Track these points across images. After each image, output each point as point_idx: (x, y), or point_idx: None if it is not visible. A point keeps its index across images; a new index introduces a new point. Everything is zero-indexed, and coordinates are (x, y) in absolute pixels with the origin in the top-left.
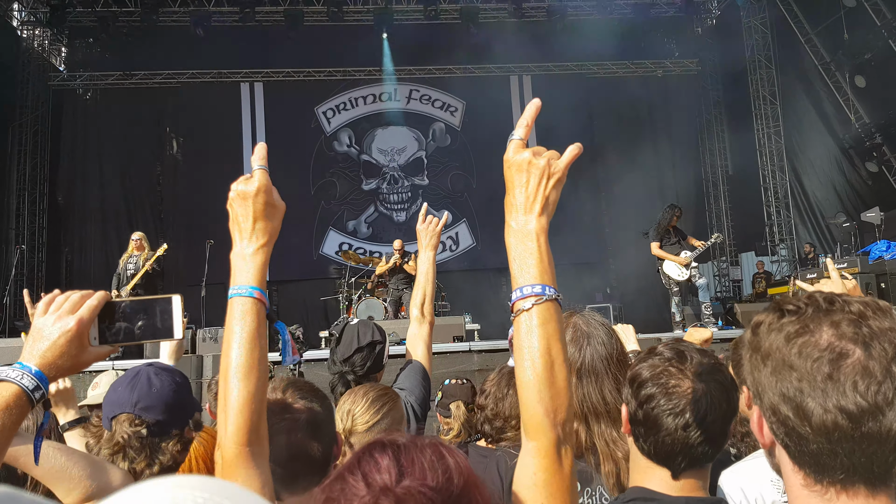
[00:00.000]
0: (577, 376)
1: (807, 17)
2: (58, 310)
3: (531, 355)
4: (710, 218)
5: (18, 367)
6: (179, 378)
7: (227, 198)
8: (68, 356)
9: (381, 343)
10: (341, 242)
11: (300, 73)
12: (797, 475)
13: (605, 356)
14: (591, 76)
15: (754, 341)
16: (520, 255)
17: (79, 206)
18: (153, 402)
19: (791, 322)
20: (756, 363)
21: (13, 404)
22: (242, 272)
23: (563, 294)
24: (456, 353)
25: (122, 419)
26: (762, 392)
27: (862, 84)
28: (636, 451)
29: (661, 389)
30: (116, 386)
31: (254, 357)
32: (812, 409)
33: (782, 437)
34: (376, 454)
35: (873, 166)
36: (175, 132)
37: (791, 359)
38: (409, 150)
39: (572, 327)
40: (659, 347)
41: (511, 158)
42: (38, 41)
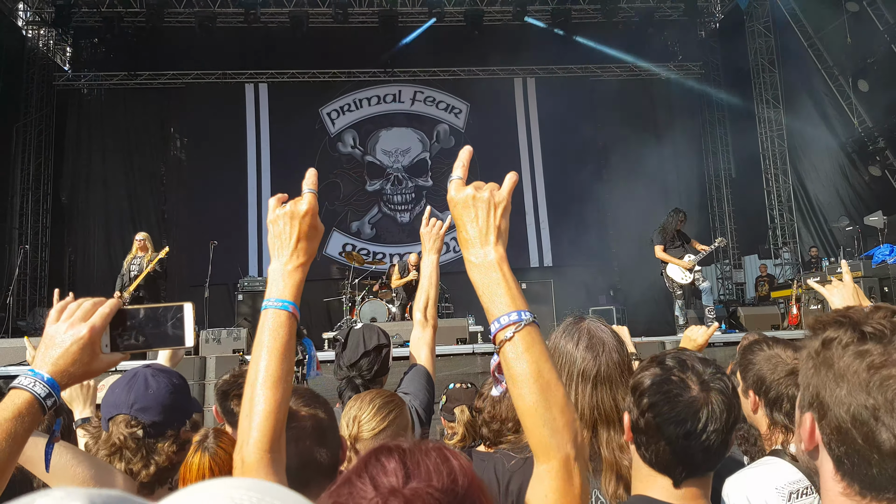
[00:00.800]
0: (592, 384)
1: (810, 21)
2: (70, 317)
3: (525, 382)
4: (713, 221)
5: (31, 375)
6: (177, 379)
7: (272, 214)
8: (80, 363)
9: (387, 346)
10: (345, 243)
11: (305, 74)
12: (838, 483)
13: (619, 362)
14: (595, 79)
15: (825, 356)
16: (487, 287)
17: (82, 206)
18: (149, 404)
19: (876, 349)
20: (825, 378)
21: (25, 412)
22: (280, 286)
23: (567, 295)
24: (459, 355)
25: (119, 420)
26: (828, 407)
27: (865, 88)
28: (638, 459)
29: (664, 398)
30: (114, 387)
31: (282, 369)
32: (885, 438)
33: (839, 453)
34: (382, 458)
35: (876, 170)
36: (179, 133)
37: (872, 387)
38: (413, 151)
39: (587, 334)
40: (661, 356)
41: (455, 197)
42: (43, 41)
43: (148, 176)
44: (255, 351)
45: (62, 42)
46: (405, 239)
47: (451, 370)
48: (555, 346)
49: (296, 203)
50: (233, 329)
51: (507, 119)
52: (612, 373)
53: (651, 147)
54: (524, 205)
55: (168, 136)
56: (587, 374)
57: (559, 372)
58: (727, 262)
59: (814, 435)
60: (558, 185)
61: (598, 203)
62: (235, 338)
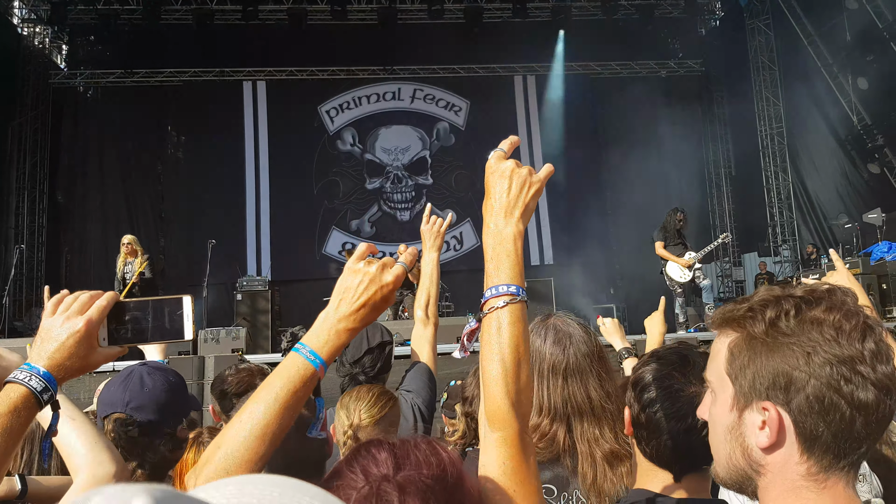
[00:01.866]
0: (563, 377)
1: (809, 18)
2: (66, 310)
3: (500, 351)
4: (712, 219)
5: (26, 369)
6: (173, 377)
7: (354, 265)
8: (77, 357)
9: (390, 343)
10: (344, 242)
11: (303, 71)
12: (800, 466)
13: (588, 353)
14: (595, 76)
15: (778, 331)
16: (497, 255)
17: (79, 205)
18: (145, 402)
19: (826, 310)
20: (788, 354)
21: (21, 406)
22: (321, 339)
23: (567, 293)
24: None
25: (114, 418)
26: (802, 382)
27: (864, 86)
28: (638, 453)
29: (665, 393)
30: (110, 385)
31: (280, 424)
32: (865, 389)
33: (817, 425)
34: (373, 449)
35: (875, 168)
36: (176, 131)
37: (842, 341)
38: (412, 149)
39: (553, 329)
40: (662, 351)
41: (494, 165)
42: (38, 39)
43: (145, 174)
44: (263, 392)
45: (58, 40)
46: (405, 237)
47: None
48: (531, 339)
49: (384, 269)
50: (231, 328)
51: (507, 117)
52: (581, 364)
53: (651, 144)
54: None
55: (165, 134)
56: (556, 367)
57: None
58: (727, 259)
59: (782, 423)
60: (558, 183)
61: (599, 201)
62: (234, 337)
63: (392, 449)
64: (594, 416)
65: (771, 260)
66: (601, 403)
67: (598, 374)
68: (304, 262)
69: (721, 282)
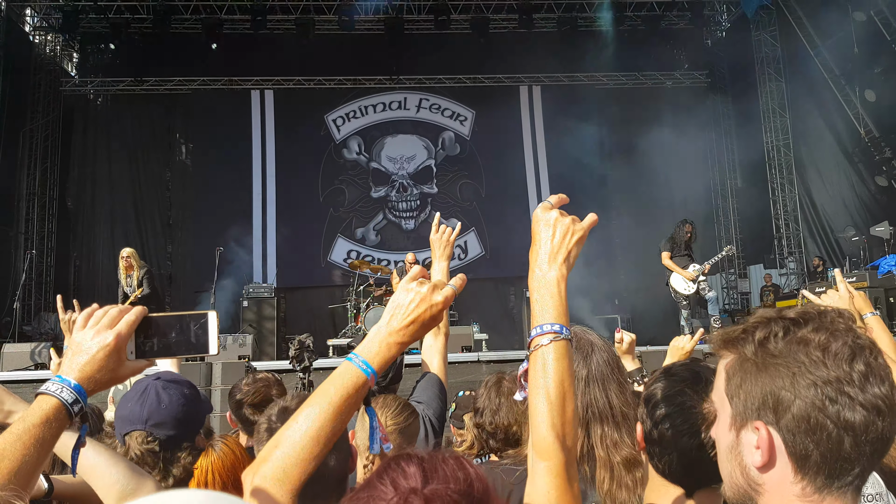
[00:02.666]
0: (585, 382)
1: (817, 30)
2: (96, 324)
3: (546, 386)
4: (718, 230)
5: (58, 381)
6: (188, 389)
7: (408, 284)
8: (107, 370)
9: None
10: (350, 250)
11: (310, 80)
12: (795, 486)
13: (608, 360)
14: (601, 87)
15: (766, 353)
16: (542, 297)
17: (88, 212)
18: (163, 419)
19: (814, 331)
20: (775, 374)
21: (52, 417)
22: (374, 350)
23: (572, 303)
24: (465, 363)
25: (135, 436)
26: (789, 401)
27: (872, 98)
28: (650, 468)
29: (677, 409)
30: (126, 402)
31: (333, 428)
32: (853, 410)
33: (807, 445)
34: (402, 463)
35: (883, 180)
36: (185, 138)
37: (828, 362)
38: (418, 158)
39: (574, 337)
40: (674, 367)
41: (540, 215)
42: (50, 47)
43: (153, 181)
44: (318, 396)
45: (69, 48)
46: (410, 246)
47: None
48: None
49: (434, 290)
50: (238, 335)
51: (512, 127)
52: (603, 371)
53: (656, 155)
54: (528, 212)
55: (174, 142)
56: (578, 374)
57: None
58: (732, 271)
59: (772, 443)
60: (563, 192)
61: (604, 211)
62: (241, 344)
63: (421, 463)
64: (615, 422)
65: (777, 272)
66: (622, 409)
67: (619, 382)
68: (310, 269)
69: (726, 294)
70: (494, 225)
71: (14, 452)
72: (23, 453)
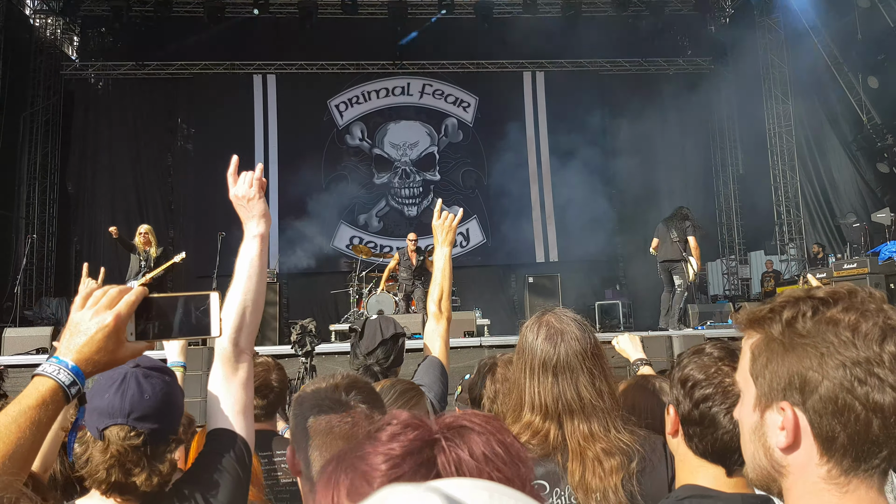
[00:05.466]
0: (553, 373)
1: (820, 17)
2: (95, 304)
3: None
4: (719, 216)
5: (55, 362)
6: (168, 376)
7: None
8: (105, 351)
9: (403, 336)
10: (352, 236)
11: (313, 65)
12: (820, 468)
13: (580, 351)
14: (604, 73)
15: (793, 332)
16: None
17: (89, 196)
18: (147, 411)
19: (843, 310)
20: (803, 354)
21: (49, 399)
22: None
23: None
24: (467, 348)
25: (115, 431)
26: (816, 382)
27: (875, 85)
28: (686, 450)
29: (717, 389)
30: (101, 392)
31: None
32: (882, 392)
33: (833, 427)
34: None
35: (884, 167)
36: (186, 123)
37: (858, 343)
38: (421, 144)
39: (545, 325)
40: (707, 347)
41: None
42: (50, 30)
43: (155, 166)
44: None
45: (70, 31)
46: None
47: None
48: (520, 340)
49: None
50: None
51: (515, 113)
52: (571, 361)
53: (659, 141)
54: (530, 199)
55: (175, 127)
56: (547, 364)
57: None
58: (733, 257)
59: (798, 424)
60: (565, 180)
61: (605, 197)
62: None
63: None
64: (584, 414)
65: (777, 258)
66: (591, 402)
67: (590, 372)
68: (312, 255)
69: (727, 279)
70: (497, 212)
71: (9, 435)
72: (18, 436)
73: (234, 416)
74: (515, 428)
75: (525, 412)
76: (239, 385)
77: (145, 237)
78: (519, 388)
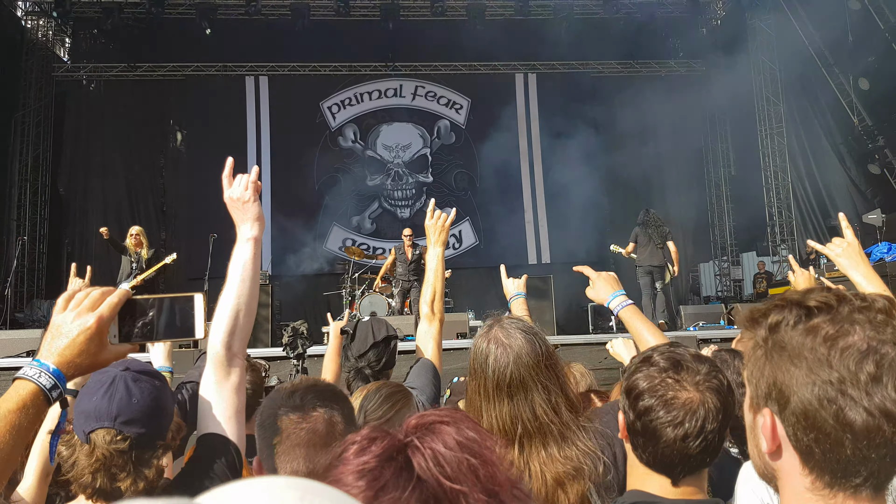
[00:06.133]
0: (508, 395)
1: (811, 18)
2: (77, 306)
3: None
4: (711, 217)
5: (36, 365)
6: (158, 380)
7: None
8: (87, 354)
9: (395, 338)
10: (345, 238)
11: (306, 67)
12: (805, 478)
13: (532, 364)
14: (596, 75)
15: (775, 340)
16: None
17: (81, 198)
18: (135, 415)
19: (826, 322)
20: (780, 363)
21: (30, 403)
22: None
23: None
24: (460, 349)
25: (101, 434)
26: (789, 395)
27: (865, 86)
28: (633, 457)
29: (659, 401)
30: (89, 394)
31: None
32: (855, 413)
33: (808, 442)
34: None
35: (875, 168)
36: (179, 125)
37: (833, 360)
38: (413, 146)
39: (494, 342)
40: (654, 356)
41: None
42: (42, 31)
43: (147, 168)
44: None
45: (61, 32)
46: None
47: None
48: (472, 360)
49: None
50: None
51: (507, 115)
52: (524, 378)
53: (651, 143)
54: (522, 201)
55: (167, 128)
56: (501, 385)
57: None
58: (725, 258)
59: (776, 431)
60: (557, 181)
61: (598, 199)
62: None
63: None
64: (541, 434)
65: (769, 259)
66: (547, 420)
67: (544, 387)
68: (305, 257)
69: (719, 280)
70: (489, 214)
71: None
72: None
73: (225, 421)
74: None
75: None
76: (231, 389)
77: (136, 238)
78: (475, 410)
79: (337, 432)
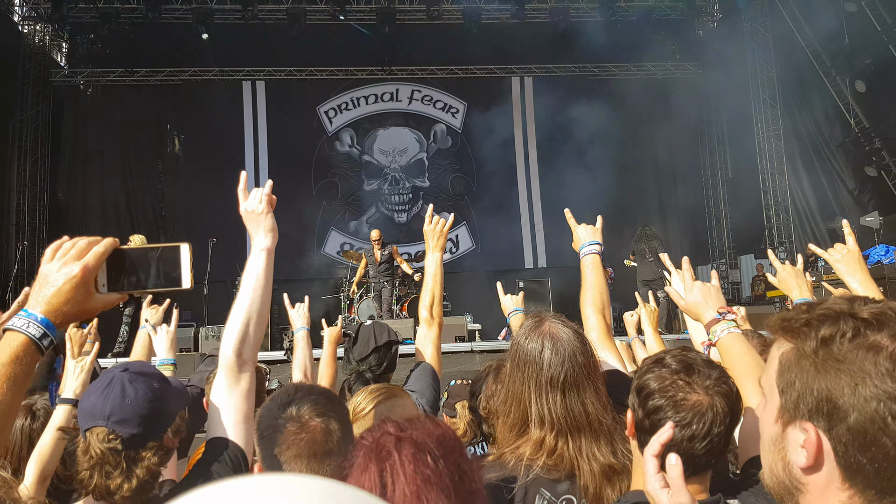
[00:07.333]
0: (561, 391)
1: (808, 21)
2: (64, 256)
3: None
4: (709, 220)
5: (24, 315)
6: (157, 383)
7: None
8: (74, 303)
9: (396, 343)
10: (343, 242)
11: (302, 71)
12: (842, 493)
13: (585, 364)
14: (593, 78)
15: (828, 354)
16: None
17: (79, 203)
18: (127, 416)
19: (886, 338)
20: (836, 380)
21: (22, 354)
22: None
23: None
24: (458, 353)
25: (96, 432)
26: (846, 411)
27: (862, 89)
28: (639, 456)
29: (669, 402)
30: (90, 394)
31: None
32: None
33: (861, 459)
34: (382, 423)
35: (872, 171)
36: (176, 130)
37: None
38: (410, 151)
39: (549, 338)
40: (667, 358)
41: None
42: (39, 37)
43: (145, 173)
44: None
45: (58, 38)
46: (402, 239)
47: (449, 368)
48: (518, 351)
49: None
50: None
51: (504, 118)
52: (578, 377)
53: (648, 146)
54: (519, 205)
55: (165, 133)
56: (555, 381)
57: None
58: (723, 261)
59: (821, 448)
60: (554, 185)
61: (594, 202)
62: None
63: (397, 422)
64: (591, 431)
65: (767, 262)
66: (598, 418)
67: (595, 388)
68: (303, 261)
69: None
70: (485, 219)
71: None
72: None
73: (233, 426)
74: (525, 445)
75: (532, 429)
76: (240, 395)
77: None
78: (522, 402)
79: (334, 440)
